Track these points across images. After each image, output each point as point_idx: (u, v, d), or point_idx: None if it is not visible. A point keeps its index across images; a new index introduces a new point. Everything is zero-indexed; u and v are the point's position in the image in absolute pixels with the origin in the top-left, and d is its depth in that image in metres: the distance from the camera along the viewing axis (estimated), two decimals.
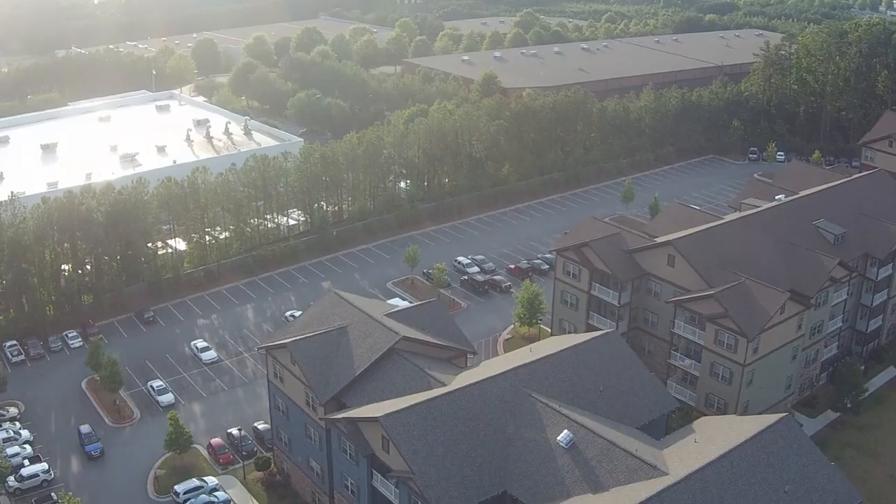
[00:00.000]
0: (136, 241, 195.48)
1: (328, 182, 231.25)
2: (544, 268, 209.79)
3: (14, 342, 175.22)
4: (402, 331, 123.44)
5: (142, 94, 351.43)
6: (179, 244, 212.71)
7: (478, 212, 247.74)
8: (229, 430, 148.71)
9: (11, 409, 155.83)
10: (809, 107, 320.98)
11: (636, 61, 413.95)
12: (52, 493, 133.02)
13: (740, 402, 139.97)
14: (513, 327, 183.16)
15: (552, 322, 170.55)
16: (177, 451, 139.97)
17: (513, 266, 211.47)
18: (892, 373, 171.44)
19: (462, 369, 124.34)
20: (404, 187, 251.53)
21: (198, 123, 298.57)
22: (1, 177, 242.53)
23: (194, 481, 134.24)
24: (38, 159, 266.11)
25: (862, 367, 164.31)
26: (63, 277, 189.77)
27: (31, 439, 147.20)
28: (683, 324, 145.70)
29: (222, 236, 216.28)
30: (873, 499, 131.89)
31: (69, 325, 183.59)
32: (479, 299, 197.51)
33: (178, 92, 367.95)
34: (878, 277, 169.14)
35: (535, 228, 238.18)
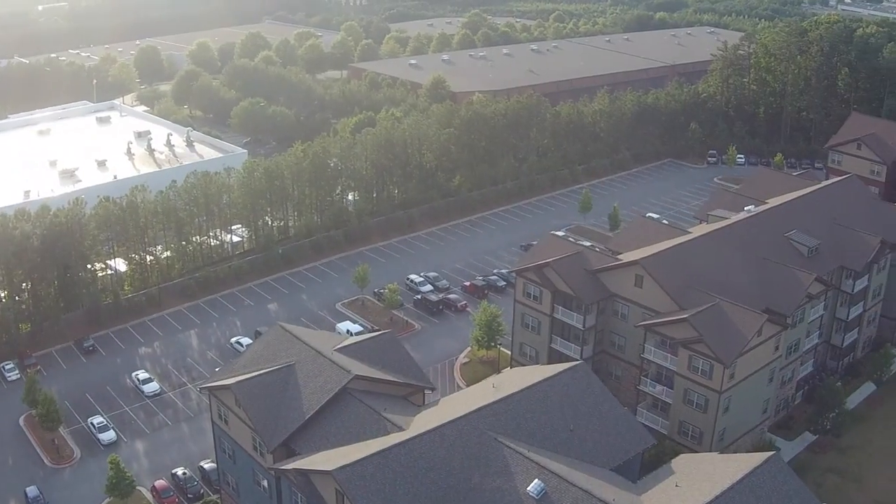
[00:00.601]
0: (75, 265, 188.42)
1: (273, 198, 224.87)
2: (501, 284, 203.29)
3: None
4: (355, 368, 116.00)
5: (83, 106, 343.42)
6: (120, 265, 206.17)
7: (429, 225, 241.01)
8: (174, 471, 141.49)
9: None
10: (769, 108, 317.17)
11: (587, 62, 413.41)
12: None
13: (716, 429, 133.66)
14: (470, 350, 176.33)
15: (512, 345, 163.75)
16: (119, 497, 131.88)
17: (468, 283, 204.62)
18: (869, 388, 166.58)
19: (420, 408, 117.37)
20: (352, 199, 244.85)
21: (139, 136, 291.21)
22: None
23: None
24: None
25: (839, 384, 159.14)
26: None
27: None
28: (654, 348, 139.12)
29: (164, 255, 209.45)
30: None
31: (6, 356, 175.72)
32: (433, 320, 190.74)
33: (119, 102, 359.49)
34: (854, 290, 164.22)
35: (490, 241, 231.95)
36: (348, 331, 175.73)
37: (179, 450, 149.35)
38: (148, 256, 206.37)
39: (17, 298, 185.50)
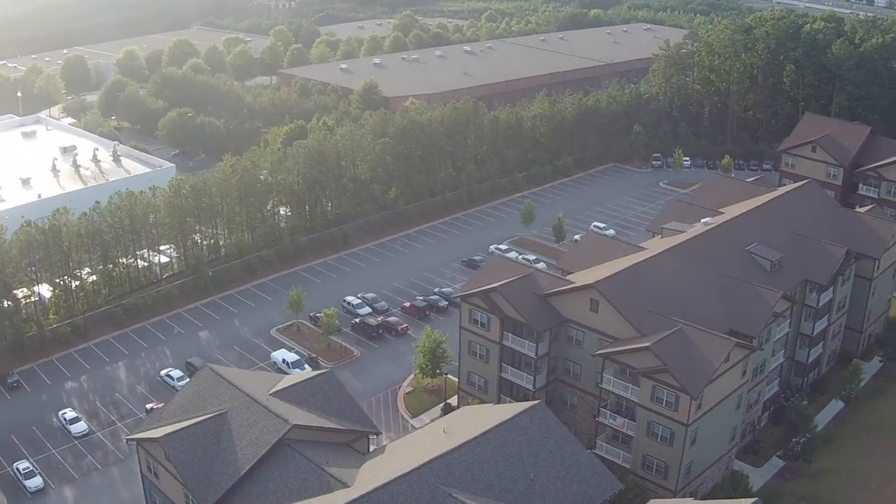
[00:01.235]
0: None
1: (201, 216, 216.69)
2: (443, 304, 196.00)
3: None
4: (292, 416, 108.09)
5: (7, 120, 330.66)
6: (44, 290, 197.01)
7: (365, 241, 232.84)
8: None
9: None
10: (714, 107, 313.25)
11: (523, 62, 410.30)
12: None
13: (683, 463, 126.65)
14: (414, 378, 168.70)
15: (459, 374, 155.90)
16: None
17: (408, 304, 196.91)
18: (837, 406, 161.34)
19: (365, 456, 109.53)
20: (284, 213, 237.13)
21: (64, 151, 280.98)
22: None
23: None
24: None
25: (805, 402, 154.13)
26: None
27: None
28: (613, 378, 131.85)
29: (90, 279, 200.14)
30: None
31: None
32: (373, 345, 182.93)
33: (44, 115, 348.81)
34: (819, 304, 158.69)
35: (429, 257, 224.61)
36: (284, 360, 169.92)
37: (110, 496, 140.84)
38: (73, 281, 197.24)
39: None
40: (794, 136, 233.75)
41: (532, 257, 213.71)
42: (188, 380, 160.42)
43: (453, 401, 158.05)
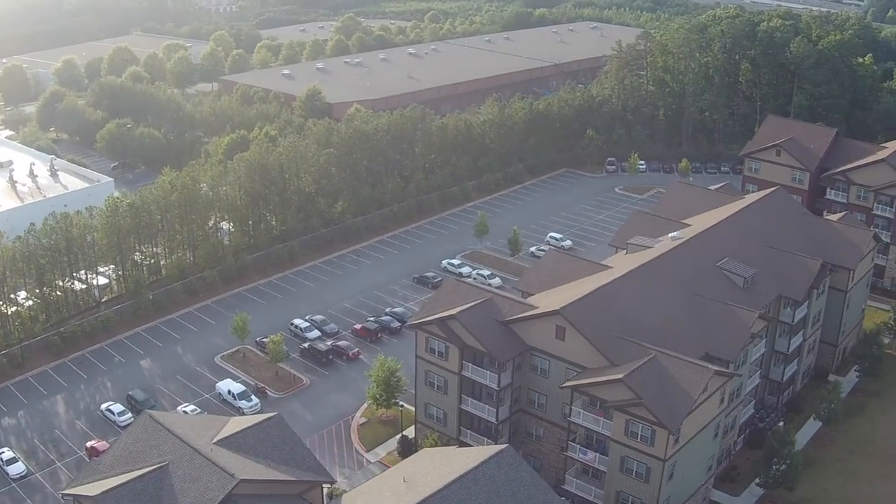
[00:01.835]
0: None
1: (141, 235, 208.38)
2: (395, 325, 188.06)
3: None
4: (239, 469, 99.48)
5: None
6: None
7: (312, 258, 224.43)
8: None
9: None
10: (669, 109, 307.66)
11: (469, 64, 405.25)
12: None
13: (661, 499, 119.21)
14: (368, 407, 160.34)
15: (416, 405, 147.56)
16: None
17: (359, 326, 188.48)
18: (814, 426, 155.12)
19: None
20: (227, 228, 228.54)
21: (0, 167, 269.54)
22: None
23: None
24: None
25: (781, 423, 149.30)
26: None
27: None
28: (582, 410, 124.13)
29: (27, 304, 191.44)
30: None
31: None
32: (323, 372, 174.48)
33: None
34: (794, 320, 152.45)
35: (379, 274, 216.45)
36: (230, 391, 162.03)
37: None
38: (9, 308, 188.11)
39: None
40: (756, 139, 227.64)
41: (486, 272, 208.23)
42: (129, 415, 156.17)
43: (410, 432, 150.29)
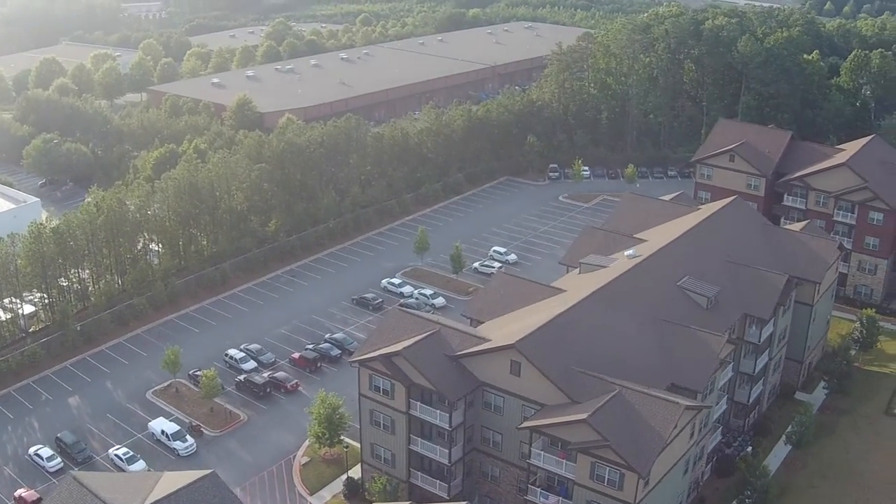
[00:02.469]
0: None
1: (66, 262, 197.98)
2: (335, 353, 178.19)
3: None
4: None
5: None
6: None
7: (245, 280, 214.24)
8: None
9: None
10: (612, 112, 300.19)
11: (402, 69, 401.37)
12: None
13: None
14: (310, 445, 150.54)
15: (362, 445, 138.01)
16: None
17: (297, 355, 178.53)
18: (784, 449, 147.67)
19: None
20: (157, 249, 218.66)
21: None
22: None
23: None
24: None
25: (750, 448, 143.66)
26: None
27: None
28: (542, 452, 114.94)
29: None
30: None
31: None
32: (261, 406, 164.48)
33: None
34: (761, 339, 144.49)
35: (316, 296, 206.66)
36: (163, 431, 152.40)
37: None
38: None
39: None
40: (708, 144, 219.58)
41: (429, 291, 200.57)
42: (58, 460, 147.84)
43: (356, 472, 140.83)
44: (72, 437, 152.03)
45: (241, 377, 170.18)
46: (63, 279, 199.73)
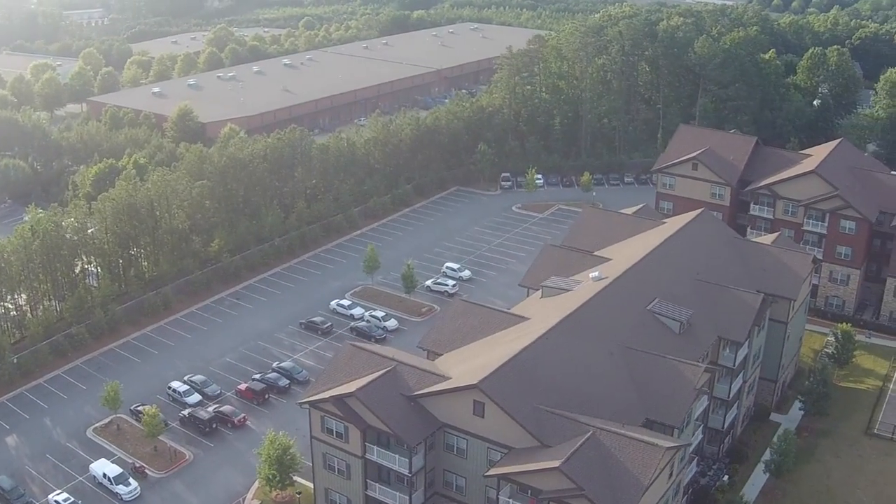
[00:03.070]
0: None
1: (1, 289, 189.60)
2: (283, 384, 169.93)
3: None
4: None
5: None
6: None
7: (188, 303, 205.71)
8: None
9: None
10: (565, 118, 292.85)
11: (347, 74, 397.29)
12: None
13: None
14: (260, 486, 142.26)
15: (315, 489, 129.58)
16: None
17: (243, 386, 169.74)
18: (761, 477, 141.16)
19: None
20: (96, 271, 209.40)
21: None
22: None
23: None
24: None
25: (727, 478, 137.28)
26: None
27: None
28: (510, 500, 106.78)
29: None
30: None
31: None
32: (207, 443, 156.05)
33: None
34: (736, 363, 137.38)
35: (262, 319, 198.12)
36: (105, 474, 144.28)
37: None
38: None
39: None
40: (669, 152, 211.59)
41: (380, 313, 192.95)
42: None
43: None
44: (9, 483, 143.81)
45: (186, 412, 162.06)
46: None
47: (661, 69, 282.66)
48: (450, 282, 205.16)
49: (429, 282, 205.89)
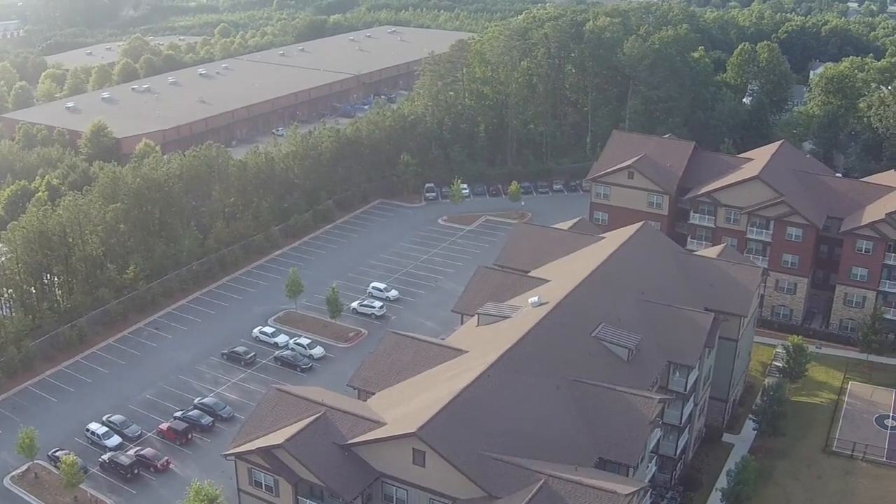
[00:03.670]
0: None
1: None
2: (206, 422, 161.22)
3: None
4: None
5: None
6: None
7: (105, 335, 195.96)
8: None
9: None
10: (490, 124, 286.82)
11: (263, 82, 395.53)
12: None
13: None
14: None
15: None
16: None
17: (165, 426, 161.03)
18: None
19: None
20: (8, 303, 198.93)
21: None
22: None
23: None
24: None
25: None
26: None
27: None
28: None
29: None
30: None
31: None
32: (129, 490, 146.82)
33: None
34: (687, 388, 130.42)
35: (182, 350, 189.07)
36: None
37: None
38: None
39: None
40: (603, 160, 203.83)
41: (305, 340, 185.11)
42: None
43: None
44: None
45: (106, 457, 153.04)
46: None
47: (588, 71, 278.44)
48: (377, 303, 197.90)
49: (355, 304, 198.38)
